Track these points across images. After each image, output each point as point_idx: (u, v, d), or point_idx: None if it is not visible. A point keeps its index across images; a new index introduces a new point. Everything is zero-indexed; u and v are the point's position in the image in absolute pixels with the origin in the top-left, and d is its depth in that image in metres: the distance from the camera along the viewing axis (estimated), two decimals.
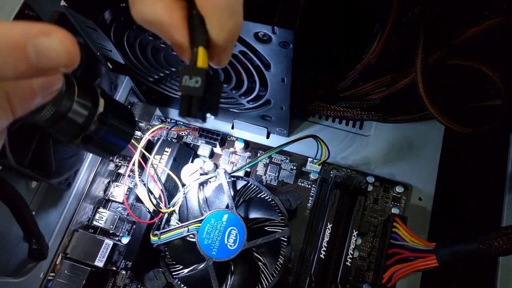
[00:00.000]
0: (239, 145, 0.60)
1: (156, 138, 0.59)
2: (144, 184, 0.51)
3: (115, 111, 0.31)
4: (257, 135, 0.61)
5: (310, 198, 0.57)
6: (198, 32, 0.24)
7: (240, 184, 0.54)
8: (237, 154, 0.61)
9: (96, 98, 0.30)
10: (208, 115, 0.25)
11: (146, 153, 0.54)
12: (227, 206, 0.51)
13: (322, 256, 0.50)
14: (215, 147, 0.60)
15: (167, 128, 0.58)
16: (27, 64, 0.18)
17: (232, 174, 0.54)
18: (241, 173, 0.56)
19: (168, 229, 0.51)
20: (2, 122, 0.19)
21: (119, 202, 0.59)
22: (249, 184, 0.54)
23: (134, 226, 0.57)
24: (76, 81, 0.28)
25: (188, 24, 0.24)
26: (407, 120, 0.58)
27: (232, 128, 0.61)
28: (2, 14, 0.36)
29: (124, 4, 0.41)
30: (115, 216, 0.57)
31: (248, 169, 0.59)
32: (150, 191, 0.52)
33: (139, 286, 0.55)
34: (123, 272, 0.55)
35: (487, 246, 0.38)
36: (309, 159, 0.58)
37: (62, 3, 0.43)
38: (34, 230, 0.42)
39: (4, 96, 0.19)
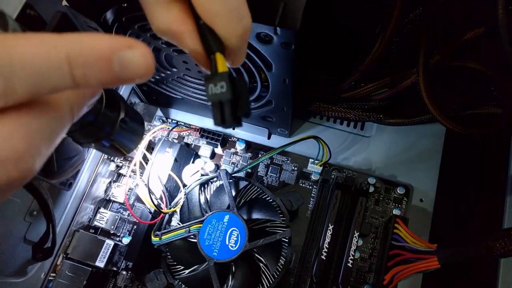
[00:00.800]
0: (240, 146, 0.60)
1: (157, 139, 0.59)
2: (145, 185, 0.51)
3: (132, 115, 0.34)
4: (259, 136, 0.61)
5: (312, 199, 0.57)
6: (210, 40, 0.24)
7: (241, 185, 0.54)
8: (238, 155, 0.61)
9: (118, 104, 0.33)
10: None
11: (147, 154, 0.54)
12: (228, 207, 0.51)
13: (323, 257, 0.50)
14: (216, 147, 0.60)
15: (168, 128, 0.58)
16: (110, 74, 0.19)
17: (233, 175, 0.54)
18: (242, 174, 0.56)
19: (169, 229, 0.51)
20: (65, 128, 0.20)
21: (120, 203, 0.59)
22: (250, 185, 0.54)
23: (135, 227, 0.57)
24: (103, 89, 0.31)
25: (199, 34, 0.24)
26: (408, 123, 0.58)
27: (233, 128, 0.61)
28: None
29: (126, 4, 0.41)
30: (116, 217, 0.57)
31: (249, 170, 0.59)
32: (151, 192, 0.52)
33: (139, 286, 0.55)
34: (124, 272, 0.55)
35: (489, 247, 0.38)
36: (311, 160, 0.58)
37: (64, 3, 0.43)
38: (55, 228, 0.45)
39: (70, 102, 0.20)
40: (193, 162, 0.59)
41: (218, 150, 0.61)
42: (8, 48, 0.17)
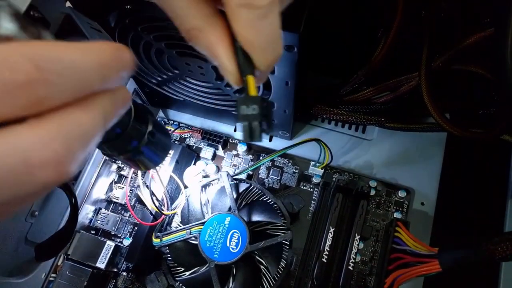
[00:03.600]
0: (241, 148, 0.60)
1: None
2: (147, 186, 0.51)
3: (160, 129, 0.34)
4: None
5: (313, 201, 0.57)
6: (245, 62, 0.26)
7: (242, 187, 0.54)
8: (239, 157, 0.61)
9: (146, 118, 0.33)
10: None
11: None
12: (230, 209, 0.51)
13: (324, 260, 0.50)
14: (218, 149, 0.60)
15: (170, 130, 0.58)
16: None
17: (234, 177, 0.54)
18: (243, 176, 0.56)
19: (170, 231, 0.51)
20: (98, 135, 0.21)
21: (121, 204, 0.59)
22: (251, 187, 0.54)
23: (136, 228, 0.57)
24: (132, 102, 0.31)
25: (235, 56, 0.26)
26: (409, 130, 0.58)
27: (235, 130, 0.62)
28: None
29: (129, 7, 0.42)
30: (117, 218, 0.57)
31: (251, 172, 0.59)
32: (152, 193, 0.52)
33: None
34: (124, 274, 0.55)
35: (490, 251, 0.38)
36: (312, 163, 0.58)
37: (68, 4, 0.43)
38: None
39: (105, 110, 0.21)
40: (194, 164, 0.59)
41: (220, 152, 0.61)
42: (56, 53, 0.18)
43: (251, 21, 0.23)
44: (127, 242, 0.56)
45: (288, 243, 0.51)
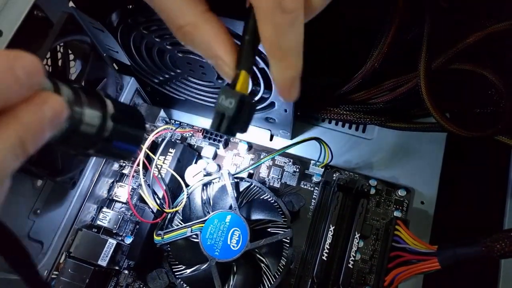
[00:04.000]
0: (242, 147, 0.60)
1: (160, 139, 0.60)
2: (148, 185, 0.52)
3: (125, 117, 0.29)
4: (261, 137, 0.61)
5: (313, 200, 0.58)
6: (246, 57, 0.26)
7: (243, 185, 0.55)
8: (240, 156, 0.61)
9: (104, 107, 0.27)
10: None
11: (151, 154, 0.54)
12: (230, 207, 0.51)
13: (324, 258, 0.50)
14: (219, 148, 0.61)
15: (172, 129, 0.58)
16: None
17: (235, 176, 0.54)
18: (244, 175, 0.56)
19: (171, 229, 0.52)
20: (16, 165, 0.19)
21: (123, 202, 0.59)
22: (252, 186, 0.55)
23: (138, 226, 0.57)
24: (82, 91, 0.26)
25: (234, 49, 0.26)
26: (409, 129, 0.58)
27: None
28: (12, 15, 0.37)
29: (131, 6, 0.42)
30: (119, 216, 0.58)
31: (251, 171, 0.59)
32: (154, 192, 0.52)
33: (141, 285, 0.55)
34: (126, 271, 0.55)
35: (490, 248, 0.38)
36: (312, 162, 0.58)
37: (71, 4, 0.43)
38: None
39: (17, 141, 0.18)
40: (195, 163, 0.59)
41: (221, 151, 0.61)
42: None
43: (281, 25, 0.24)
44: (128, 240, 0.57)
45: (288, 241, 0.51)
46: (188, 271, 0.52)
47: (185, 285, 0.51)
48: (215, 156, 0.61)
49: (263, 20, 0.24)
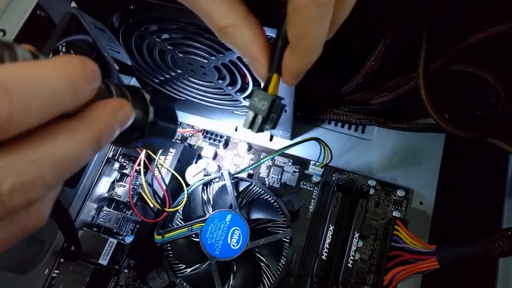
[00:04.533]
0: (242, 147, 0.61)
1: None
2: (149, 184, 0.52)
3: (164, 115, 0.31)
4: (260, 138, 0.61)
5: (312, 200, 0.58)
6: (277, 61, 0.28)
7: (243, 185, 0.55)
8: (240, 156, 0.61)
9: (146, 107, 0.29)
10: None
11: (151, 154, 0.55)
12: (231, 207, 0.51)
13: (323, 257, 0.50)
14: (219, 148, 0.61)
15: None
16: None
17: (235, 175, 0.55)
18: (244, 175, 0.57)
19: (171, 228, 0.52)
20: (90, 157, 0.21)
21: (124, 202, 0.59)
22: (252, 186, 0.55)
23: (138, 226, 0.57)
24: (129, 92, 0.28)
25: (269, 52, 0.28)
26: (408, 129, 0.59)
27: (236, 130, 0.62)
28: (15, 15, 0.37)
29: (133, 7, 0.42)
30: (119, 216, 0.58)
31: (251, 171, 0.59)
32: (154, 191, 0.52)
33: (142, 285, 0.55)
34: (126, 270, 0.56)
35: (488, 247, 0.39)
36: (312, 162, 0.59)
37: (73, 4, 0.44)
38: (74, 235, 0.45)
39: (97, 137, 0.21)
40: (196, 163, 0.60)
41: (221, 151, 0.62)
42: (18, 71, 0.17)
43: (313, 19, 0.25)
44: (129, 239, 0.57)
45: (288, 240, 0.52)
46: (188, 270, 0.52)
47: (185, 284, 0.51)
48: (215, 156, 0.61)
49: (295, 14, 0.25)
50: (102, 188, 0.59)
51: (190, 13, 0.29)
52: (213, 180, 0.55)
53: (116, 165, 0.61)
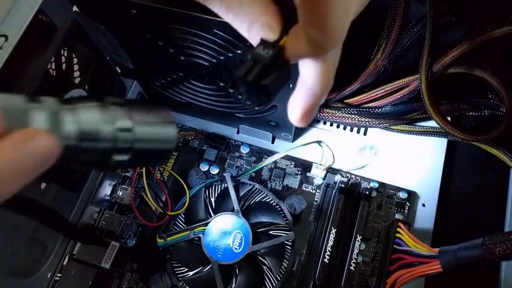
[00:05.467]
0: (244, 150, 0.61)
1: None
2: (151, 187, 0.52)
3: (142, 120, 0.25)
4: (262, 140, 0.61)
5: (315, 203, 0.58)
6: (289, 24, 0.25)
7: (245, 188, 0.55)
8: (242, 159, 0.61)
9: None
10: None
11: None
12: (232, 210, 0.51)
13: (326, 260, 0.50)
14: (221, 151, 0.61)
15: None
16: None
17: (237, 178, 0.55)
18: (246, 178, 0.57)
19: (174, 231, 0.52)
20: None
21: (126, 205, 0.60)
22: (254, 188, 0.55)
23: (140, 229, 0.57)
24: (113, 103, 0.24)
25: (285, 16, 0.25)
26: (411, 132, 0.59)
27: (238, 133, 0.62)
28: (17, 19, 0.38)
29: (134, 11, 0.42)
30: (122, 219, 0.58)
31: (253, 174, 0.59)
32: (156, 194, 0.52)
33: None
34: (129, 274, 0.56)
35: (491, 250, 0.38)
36: (314, 165, 0.59)
37: (75, 8, 0.44)
38: None
39: None
40: (197, 166, 0.60)
41: (223, 154, 0.62)
42: None
43: (335, 8, 0.22)
44: (131, 242, 0.57)
45: (290, 243, 0.52)
46: (191, 273, 0.52)
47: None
48: (217, 159, 0.61)
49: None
50: (105, 191, 0.59)
51: (192, 16, 0.29)
52: (215, 183, 0.55)
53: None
